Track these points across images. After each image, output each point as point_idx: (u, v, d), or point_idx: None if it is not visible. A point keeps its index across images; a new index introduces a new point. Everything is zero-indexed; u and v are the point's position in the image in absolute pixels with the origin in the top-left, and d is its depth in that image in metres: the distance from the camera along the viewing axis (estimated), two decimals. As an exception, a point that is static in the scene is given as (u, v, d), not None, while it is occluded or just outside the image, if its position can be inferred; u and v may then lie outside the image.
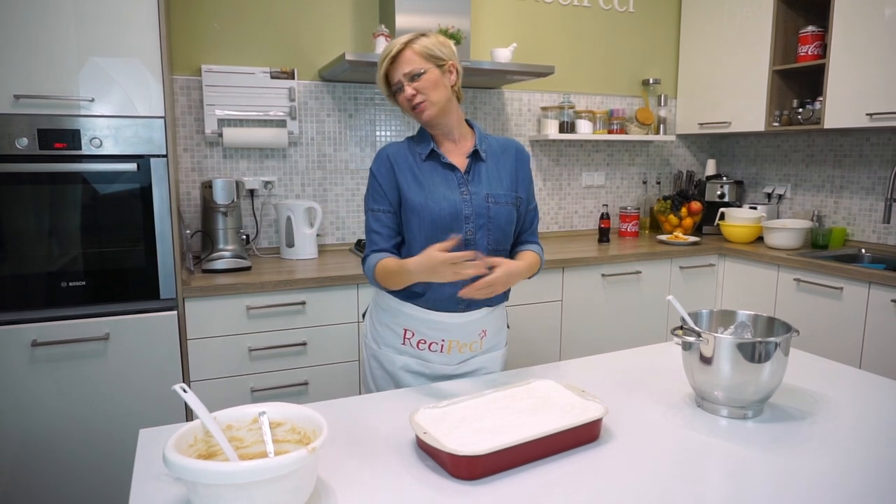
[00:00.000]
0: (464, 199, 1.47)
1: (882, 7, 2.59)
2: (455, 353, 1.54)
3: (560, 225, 3.50)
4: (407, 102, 1.46)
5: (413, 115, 1.49)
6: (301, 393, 2.34)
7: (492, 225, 1.48)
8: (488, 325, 1.56)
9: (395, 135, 3.03)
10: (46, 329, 1.97)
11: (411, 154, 1.52)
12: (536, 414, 1.14)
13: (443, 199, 1.46)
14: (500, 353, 1.63)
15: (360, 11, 2.89)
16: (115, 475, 2.08)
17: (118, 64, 1.96)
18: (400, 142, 1.56)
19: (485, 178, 1.50)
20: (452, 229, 1.45)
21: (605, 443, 1.14)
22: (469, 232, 1.46)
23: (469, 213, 1.46)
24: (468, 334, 1.53)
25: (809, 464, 1.06)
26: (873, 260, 2.89)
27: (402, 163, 1.50)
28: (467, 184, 1.49)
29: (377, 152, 1.54)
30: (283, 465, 0.83)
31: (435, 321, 1.50)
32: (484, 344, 1.57)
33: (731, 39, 3.27)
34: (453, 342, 1.52)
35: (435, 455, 1.05)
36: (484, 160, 1.52)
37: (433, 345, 1.52)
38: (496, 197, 1.49)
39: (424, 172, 1.49)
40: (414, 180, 1.48)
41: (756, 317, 1.37)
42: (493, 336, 1.59)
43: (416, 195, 1.47)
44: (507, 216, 1.50)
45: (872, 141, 3.06)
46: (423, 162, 1.50)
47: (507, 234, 1.52)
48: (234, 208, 2.51)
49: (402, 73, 1.44)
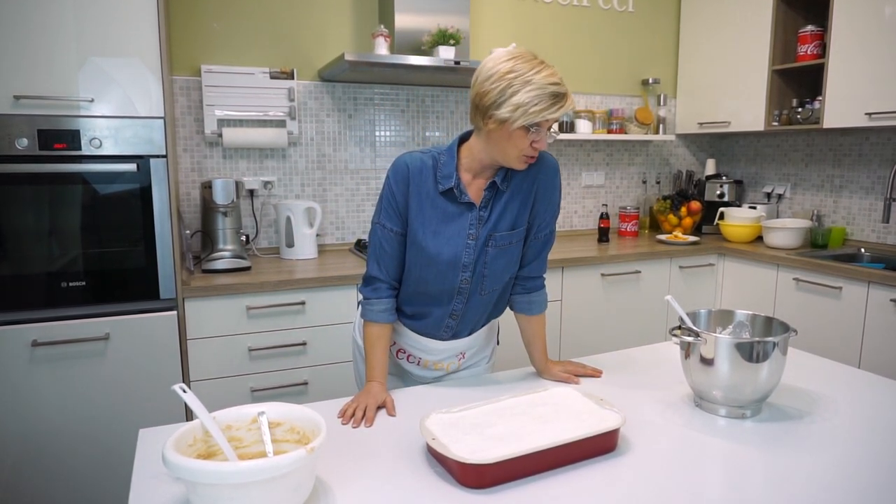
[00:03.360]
0: (467, 245, 1.37)
1: (882, 7, 2.60)
2: (431, 369, 1.54)
3: (560, 225, 3.50)
4: (532, 150, 1.28)
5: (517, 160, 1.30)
6: (301, 393, 2.34)
7: (488, 271, 1.40)
8: (468, 349, 1.54)
9: (394, 134, 3.03)
10: (47, 329, 1.97)
11: (433, 177, 1.36)
12: (551, 422, 1.11)
13: (446, 244, 1.36)
14: (480, 369, 1.60)
15: (360, 11, 2.89)
16: (115, 475, 2.09)
17: (118, 64, 1.97)
18: (424, 154, 1.38)
19: (499, 210, 1.38)
20: (448, 277, 1.38)
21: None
22: (465, 281, 1.40)
23: (468, 262, 1.38)
24: (446, 358, 1.53)
25: (807, 463, 1.06)
26: (872, 259, 2.89)
27: (421, 185, 1.36)
28: (479, 224, 1.37)
29: (397, 159, 1.39)
30: (282, 464, 0.83)
31: (417, 341, 1.50)
32: (462, 364, 1.56)
33: (731, 39, 3.27)
34: (430, 361, 1.53)
35: (443, 461, 1.04)
36: (504, 190, 1.38)
37: (410, 357, 1.53)
38: (498, 239, 1.38)
39: (437, 207, 1.36)
40: (422, 212, 1.36)
41: (754, 316, 1.37)
42: (473, 356, 1.57)
43: (419, 229, 1.37)
44: (505, 263, 1.41)
45: (872, 140, 3.06)
46: (440, 195, 1.36)
47: (503, 279, 1.44)
48: (234, 208, 2.51)
49: (555, 118, 1.26)
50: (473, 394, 1.38)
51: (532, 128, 1.24)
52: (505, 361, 1.75)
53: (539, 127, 1.24)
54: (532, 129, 1.24)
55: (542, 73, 1.22)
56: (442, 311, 1.43)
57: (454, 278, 1.39)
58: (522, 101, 1.21)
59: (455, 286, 1.40)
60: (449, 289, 1.40)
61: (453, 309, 1.44)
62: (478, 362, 1.59)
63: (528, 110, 1.21)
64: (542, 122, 1.24)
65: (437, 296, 1.42)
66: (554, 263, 2.71)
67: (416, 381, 1.55)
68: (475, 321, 1.49)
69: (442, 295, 1.41)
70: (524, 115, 1.21)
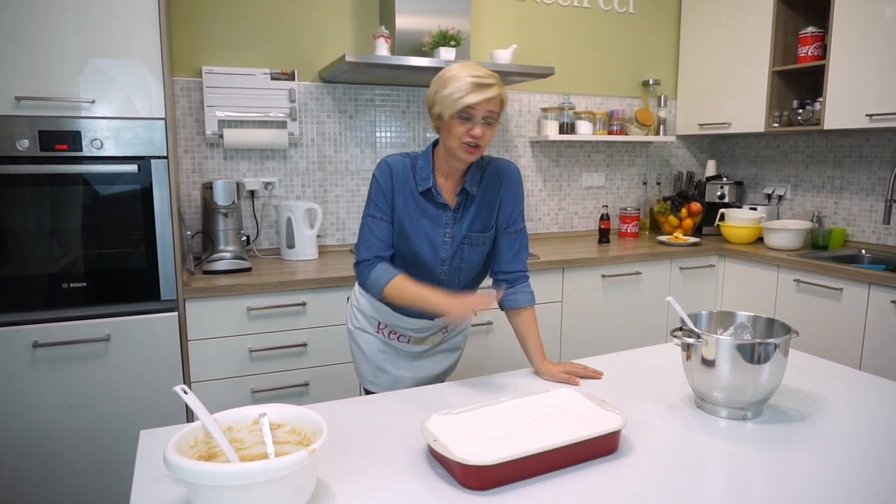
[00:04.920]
0: (444, 242, 1.54)
1: (882, 8, 2.60)
2: (419, 345, 1.69)
3: (560, 226, 3.50)
4: (469, 138, 1.41)
5: (458, 149, 1.44)
6: (302, 394, 2.34)
7: (464, 265, 1.58)
8: (450, 323, 1.69)
9: (394, 135, 3.03)
10: (48, 330, 1.97)
11: (412, 178, 1.52)
12: (552, 423, 1.11)
13: (425, 238, 1.53)
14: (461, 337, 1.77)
15: (360, 13, 2.89)
16: (116, 476, 2.09)
17: (119, 65, 1.97)
18: (404, 157, 1.55)
19: (471, 213, 1.54)
20: (428, 267, 1.55)
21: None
22: (444, 273, 1.57)
23: (446, 256, 1.55)
24: (431, 333, 1.68)
25: (808, 465, 1.06)
26: (873, 261, 2.89)
27: (403, 183, 1.51)
28: (453, 224, 1.53)
29: (381, 160, 1.53)
30: (284, 466, 0.83)
31: (404, 321, 1.63)
32: (446, 336, 1.72)
33: (731, 40, 3.27)
34: (417, 338, 1.68)
35: (444, 462, 1.04)
36: (474, 195, 1.54)
37: (401, 337, 1.67)
38: (472, 238, 1.55)
39: (418, 205, 1.52)
40: (407, 207, 1.51)
41: (755, 318, 1.37)
42: (454, 328, 1.74)
43: (406, 220, 1.52)
44: (480, 256, 1.60)
45: (872, 142, 3.06)
46: (419, 194, 1.51)
47: (478, 268, 1.62)
48: (235, 209, 2.51)
49: (485, 110, 1.40)
50: (475, 395, 1.38)
51: (463, 115, 1.39)
52: (505, 362, 1.76)
53: (470, 114, 1.39)
54: (464, 117, 1.40)
55: (470, 71, 1.40)
56: None
57: (434, 270, 1.56)
58: (447, 92, 1.40)
59: (435, 277, 1.57)
60: (431, 279, 1.56)
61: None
62: (459, 332, 1.77)
63: (451, 98, 1.39)
64: (473, 112, 1.39)
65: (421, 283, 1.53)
66: (554, 264, 2.71)
67: (406, 355, 1.69)
68: None
69: (425, 283, 1.52)
70: (451, 104, 1.39)
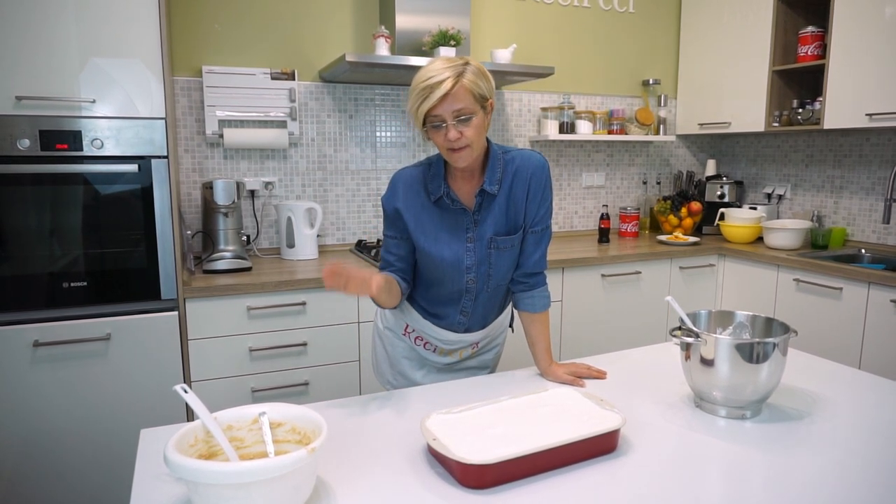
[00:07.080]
0: (467, 249, 1.43)
1: (882, 7, 2.60)
2: (446, 356, 1.62)
3: (560, 225, 3.50)
4: (446, 143, 1.31)
5: (447, 156, 1.35)
6: (302, 393, 2.35)
7: (493, 271, 1.47)
8: (481, 340, 1.62)
9: (394, 135, 3.03)
10: (48, 329, 1.97)
11: (424, 189, 1.43)
12: (552, 422, 1.11)
13: (446, 247, 1.42)
14: (492, 354, 1.69)
15: (361, 12, 2.89)
16: (117, 475, 2.09)
17: (119, 65, 1.97)
18: (415, 168, 1.46)
19: (494, 213, 1.42)
20: (454, 278, 1.46)
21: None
22: (470, 281, 1.46)
23: (471, 264, 1.44)
24: (460, 347, 1.61)
25: (807, 464, 1.07)
26: (873, 260, 2.89)
27: (413, 199, 1.43)
28: (475, 227, 1.42)
29: (391, 178, 1.47)
30: (283, 465, 0.84)
31: (434, 330, 1.56)
32: (476, 352, 1.65)
33: (731, 40, 3.27)
34: (445, 349, 1.60)
35: (444, 461, 1.04)
36: (495, 194, 1.41)
37: (427, 344, 1.60)
38: (499, 242, 1.43)
39: (433, 215, 1.43)
40: (419, 223, 1.43)
41: (754, 317, 1.38)
42: (486, 345, 1.66)
43: (419, 238, 1.44)
44: (509, 261, 1.47)
45: (872, 141, 3.06)
46: (433, 204, 1.42)
47: (509, 276, 1.51)
48: (235, 209, 2.51)
49: (450, 110, 1.27)
50: (474, 394, 1.39)
51: (432, 125, 1.30)
52: (505, 362, 1.76)
53: (436, 121, 1.29)
54: (434, 126, 1.30)
55: (423, 74, 1.29)
56: (453, 308, 1.52)
57: (460, 279, 1.46)
58: (409, 105, 1.31)
59: (462, 286, 1.48)
60: (457, 289, 1.48)
61: (463, 307, 1.51)
62: (491, 349, 1.68)
63: (412, 111, 1.31)
64: (436, 118, 1.29)
65: (448, 295, 1.50)
66: (554, 264, 2.71)
67: (432, 365, 1.63)
68: (486, 316, 1.57)
69: (452, 294, 1.50)
70: (415, 117, 1.31)
